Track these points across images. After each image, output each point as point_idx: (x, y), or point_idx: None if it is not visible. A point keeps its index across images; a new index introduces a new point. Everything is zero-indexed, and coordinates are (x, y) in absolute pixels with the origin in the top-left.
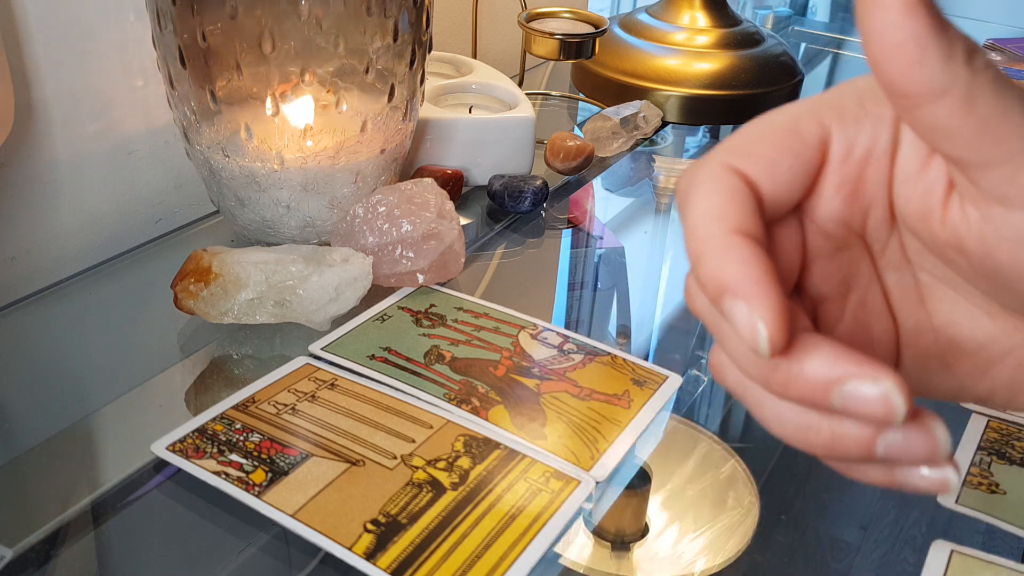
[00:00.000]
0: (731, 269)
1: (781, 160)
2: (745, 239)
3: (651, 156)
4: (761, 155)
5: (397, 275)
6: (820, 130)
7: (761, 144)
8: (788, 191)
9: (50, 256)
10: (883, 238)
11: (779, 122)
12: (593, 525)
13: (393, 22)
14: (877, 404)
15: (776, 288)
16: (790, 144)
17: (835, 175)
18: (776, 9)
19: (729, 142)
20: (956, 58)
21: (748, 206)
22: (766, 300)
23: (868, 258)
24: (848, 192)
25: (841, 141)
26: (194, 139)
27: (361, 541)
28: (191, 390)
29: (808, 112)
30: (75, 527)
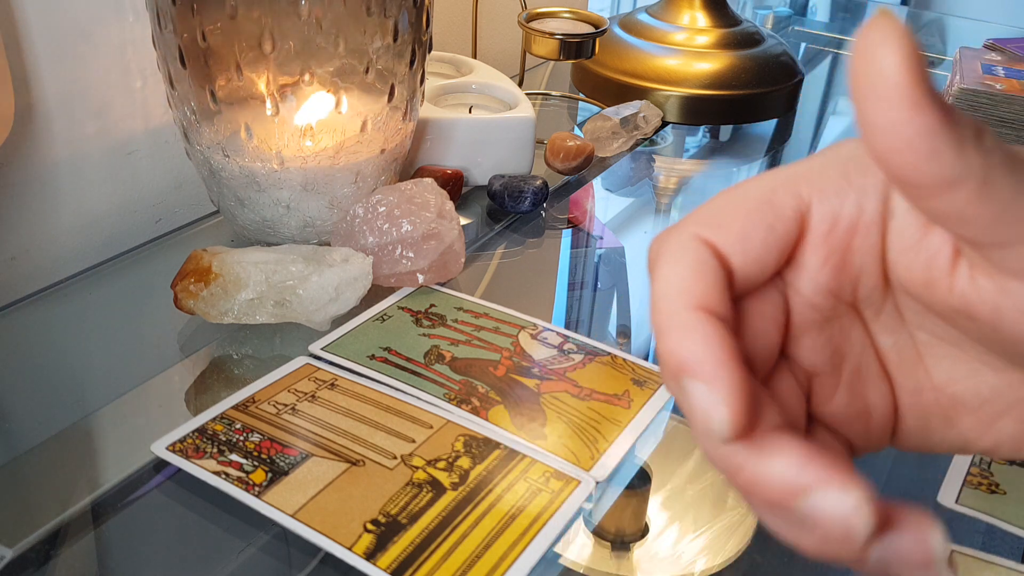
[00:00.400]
0: (691, 347)
1: (753, 233)
2: (708, 317)
3: (651, 156)
4: (732, 227)
5: (397, 275)
6: (797, 202)
7: (733, 215)
8: (761, 264)
9: (50, 256)
10: (876, 304)
11: (753, 193)
12: (593, 525)
13: (393, 22)
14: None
15: (738, 370)
16: (763, 216)
17: (819, 248)
18: (776, 9)
19: (701, 211)
20: (967, 145)
21: (715, 281)
22: (726, 381)
23: (860, 325)
24: (835, 264)
25: (823, 214)
26: (194, 139)
27: (361, 541)
28: (191, 390)
29: (785, 183)
30: (75, 527)
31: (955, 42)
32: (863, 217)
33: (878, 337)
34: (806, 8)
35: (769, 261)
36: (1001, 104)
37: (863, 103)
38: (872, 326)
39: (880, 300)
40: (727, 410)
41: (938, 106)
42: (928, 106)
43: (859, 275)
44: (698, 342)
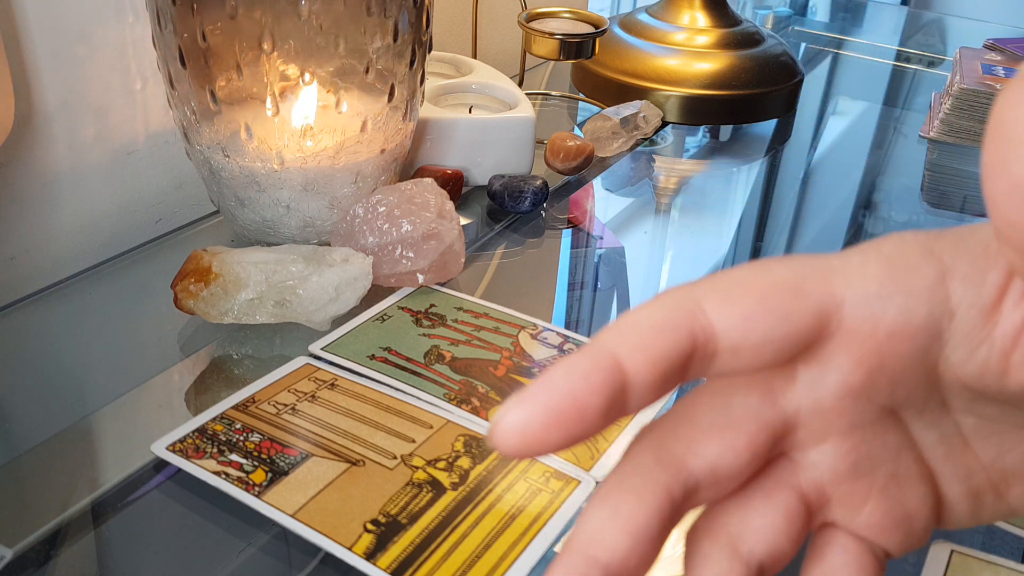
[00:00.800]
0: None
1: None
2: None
3: (651, 156)
4: (740, 305)
5: (397, 275)
6: (825, 298)
7: (746, 294)
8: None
9: (50, 256)
10: (918, 406)
11: (778, 276)
12: None
13: (393, 22)
14: None
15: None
16: (780, 304)
17: (853, 350)
18: (776, 9)
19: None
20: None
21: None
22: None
23: (897, 429)
24: (871, 368)
25: (861, 316)
26: (194, 139)
27: (361, 541)
28: (191, 390)
29: (819, 275)
30: (75, 527)
31: (955, 42)
32: (911, 321)
33: (920, 438)
34: (806, 8)
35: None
36: None
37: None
38: (913, 429)
39: (923, 402)
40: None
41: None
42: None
43: (899, 380)
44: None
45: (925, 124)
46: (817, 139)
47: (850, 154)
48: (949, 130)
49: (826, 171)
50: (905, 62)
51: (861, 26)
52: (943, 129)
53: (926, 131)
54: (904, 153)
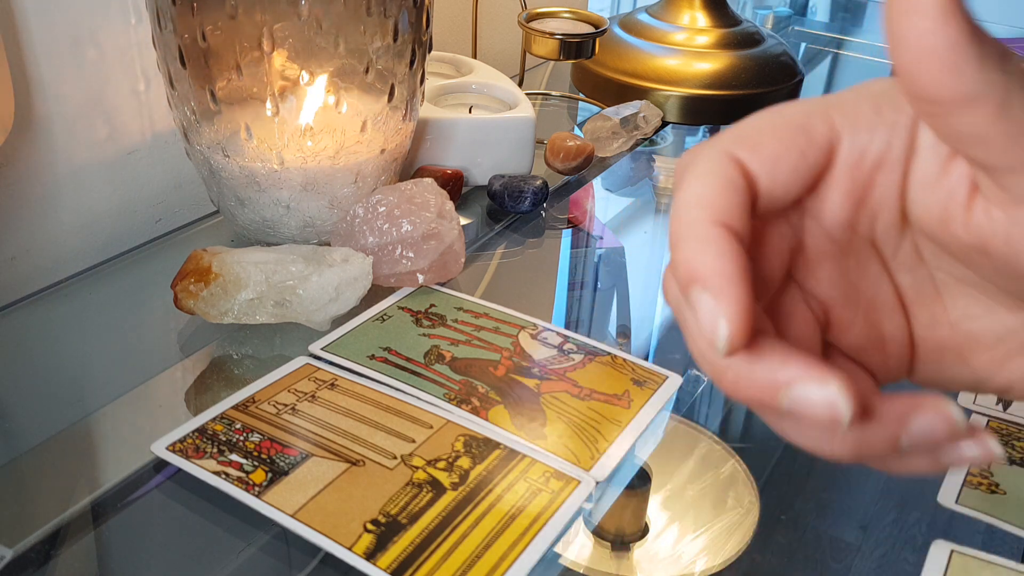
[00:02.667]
0: (705, 260)
1: (786, 157)
2: (726, 232)
3: (651, 156)
4: (766, 148)
5: (397, 275)
6: (830, 132)
7: (768, 137)
8: (787, 189)
9: (50, 256)
10: (894, 241)
11: (789, 117)
12: (593, 525)
13: (393, 22)
14: (822, 405)
15: (746, 288)
16: (797, 142)
17: (843, 180)
18: (776, 9)
19: (736, 130)
20: (991, 64)
21: (739, 200)
22: (733, 297)
23: (878, 260)
24: (857, 198)
25: (852, 146)
26: (194, 139)
27: (361, 541)
28: (191, 390)
29: (820, 111)
30: (75, 527)
31: None
32: (890, 153)
33: (896, 274)
34: (806, 8)
35: (795, 187)
36: None
37: (893, 15)
38: (890, 263)
39: (898, 238)
40: (729, 325)
41: (965, 22)
42: (955, 20)
43: (878, 211)
44: (713, 255)
45: None
46: None
47: None
48: None
49: None
50: None
51: (861, 26)
52: None
53: None
54: None
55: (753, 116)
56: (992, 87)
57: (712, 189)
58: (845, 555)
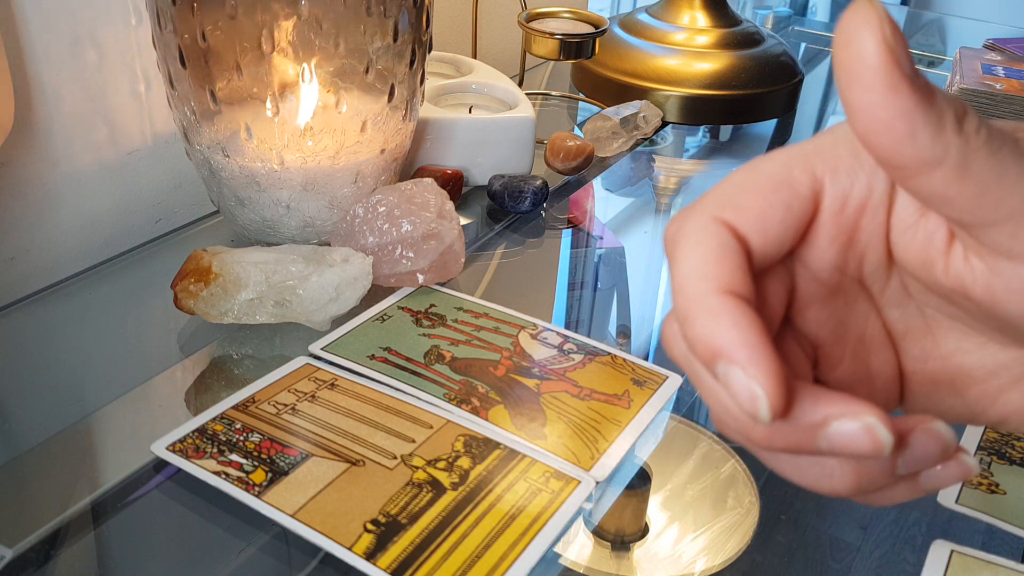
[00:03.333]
0: (724, 333)
1: (772, 213)
2: (736, 300)
3: (651, 156)
4: (751, 207)
5: (397, 275)
6: (812, 181)
7: (752, 196)
8: (778, 244)
9: (50, 256)
10: (882, 280)
11: (770, 172)
12: (593, 525)
13: (393, 22)
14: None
15: (772, 352)
16: (781, 196)
17: (829, 227)
18: (776, 9)
19: (718, 192)
20: (946, 127)
21: (737, 263)
22: (764, 367)
23: (866, 298)
24: (843, 242)
25: (835, 193)
26: (194, 139)
27: (361, 541)
28: (191, 390)
29: (800, 161)
30: (75, 527)
31: (955, 42)
32: (872, 197)
33: (885, 310)
34: (806, 8)
35: (786, 240)
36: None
37: (844, 85)
38: (879, 300)
39: (885, 276)
40: (768, 396)
41: (916, 88)
42: (906, 88)
43: (865, 252)
44: (729, 327)
45: None
46: None
47: None
48: None
49: None
50: None
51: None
52: None
53: None
54: None
55: (733, 174)
56: (949, 150)
57: (709, 258)
58: (845, 555)
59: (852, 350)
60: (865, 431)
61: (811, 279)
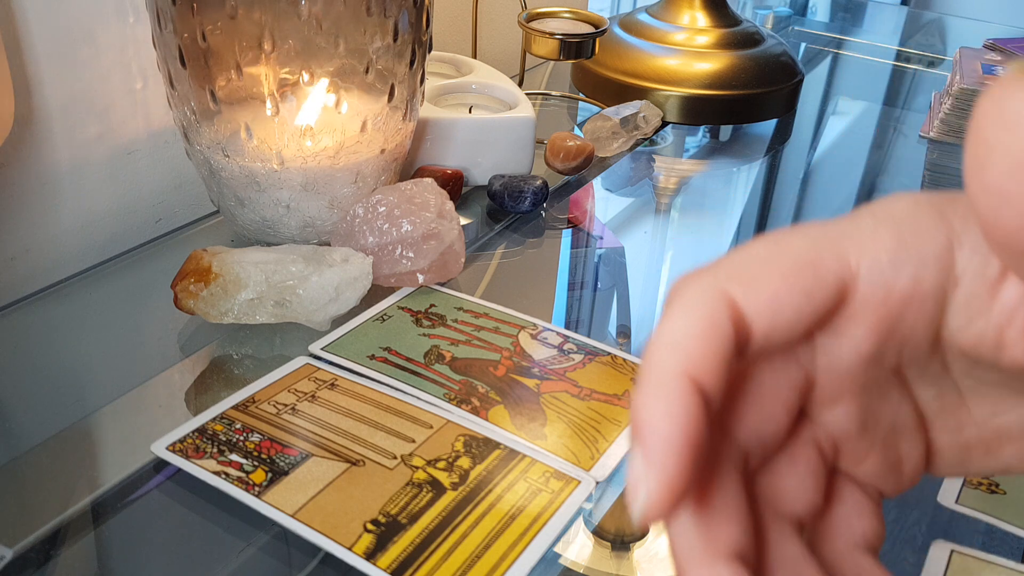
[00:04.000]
0: (653, 415)
1: (788, 298)
2: (690, 389)
3: (651, 156)
4: (765, 287)
5: (397, 275)
6: (841, 268)
7: (768, 274)
8: (789, 331)
9: (50, 256)
10: (921, 366)
11: (796, 250)
12: (593, 525)
13: (393, 22)
14: None
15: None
16: (802, 280)
17: (866, 318)
18: (776, 9)
19: (734, 260)
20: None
21: (717, 347)
22: (662, 465)
23: (900, 385)
24: (882, 334)
25: (874, 284)
26: (194, 139)
27: (361, 541)
28: (191, 390)
29: (831, 243)
30: (75, 527)
31: (955, 42)
32: (920, 287)
33: (918, 392)
34: (806, 8)
35: (799, 328)
36: None
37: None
38: (914, 386)
39: (926, 362)
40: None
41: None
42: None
43: (906, 343)
44: (662, 413)
45: (925, 124)
46: (817, 139)
47: (850, 154)
48: (949, 130)
49: (826, 171)
50: (905, 62)
51: (861, 26)
52: (943, 129)
53: (926, 131)
54: (904, 153)
55: (755, 245)
56: None
57: (691, 331)
58: None
59: (882, 442)
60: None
61: (840, 373)
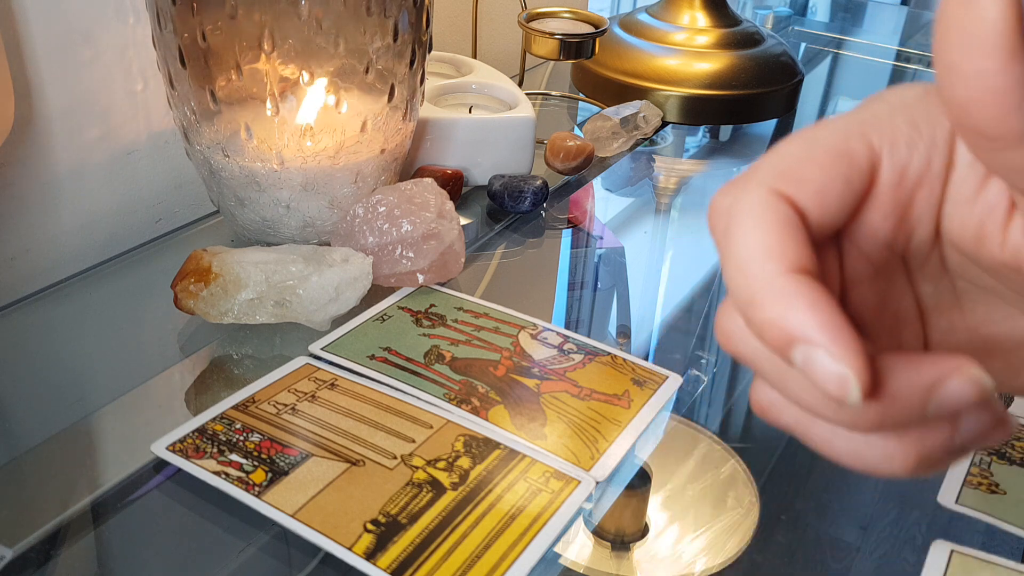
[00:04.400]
0: (800, 315)
1: (832, 186)
2: (807, 280)
3: (651, 156)
4: (812, 181)
5: (397, 275)
6: (870, 153)
7: (811, 168)
8: (835, 218)
9: (50, 256)
10: (923, 254)
11: (827, 142)
12: (593, 525)
13: (393, 22)
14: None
15: (853, 331)
16: (841, 168)
17: (885, 201)
18: (776, 9)
19: (772, 162)
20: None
21: (803, 239)
22: (848, 346)
23: (904, 274)
24: (897, 217)
25: (893, 166)
26: (194, 139)
27: (361, 541)
28: (191, 390)
29: (857, 132)
30: (75, 527)
31: None
32: (930, 170)
33: (919, 285)
34: (806, 8)
35: (843, 214)
36: None
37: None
38: (916, 275)
39: (928, 252)
40: (859, 377)
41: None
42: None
43: (915, 228)
44: (806, 308)
45: None
46: None
47: None
48: None
49: None
50: (905, 62)
51: (861, 26)
52: None
53: None
54: None
55: (787, 143)
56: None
57: (773, 235)
58: (845, 555)
59: (888, 327)
60: (973, 385)
61: (860, 257)
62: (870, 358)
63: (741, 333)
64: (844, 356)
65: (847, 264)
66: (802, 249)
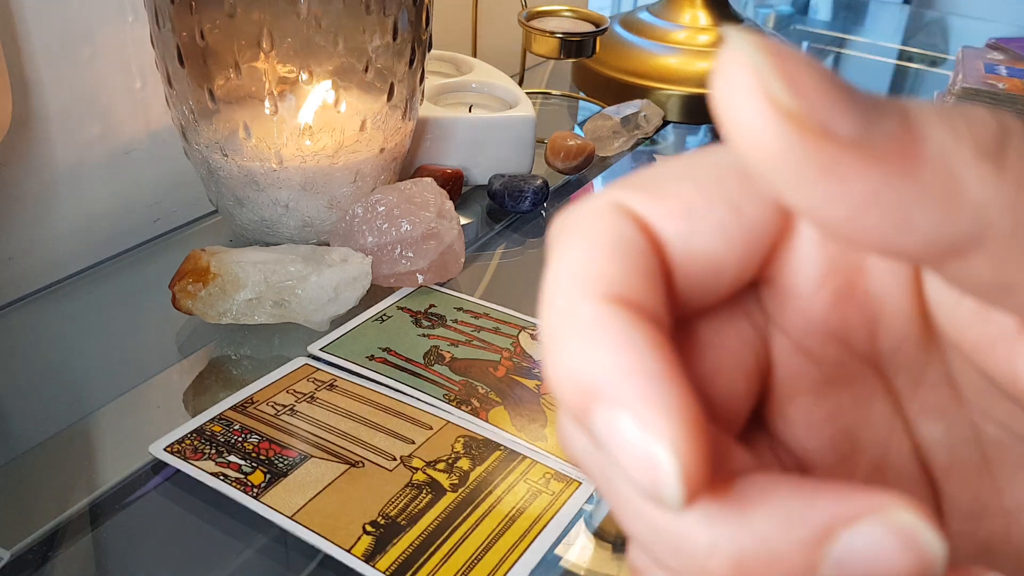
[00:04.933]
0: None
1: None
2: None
3: (652, 156)
4: (679, 196)
5: (396, 275)
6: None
7: (679, 183)
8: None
9: (48, 256)
10: (914, 367)
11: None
12: (594, 527)
13: (392, 21)
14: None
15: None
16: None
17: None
18: (778, 8)
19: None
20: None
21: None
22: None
23: (887, 394)
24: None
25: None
26: (192, 138)
27: (360, 543)
28: (189, 391)
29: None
30: (73, 528)
31: (957, 41)
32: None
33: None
34: (808, 7)
35: (728, 261)
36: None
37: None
38: (908, 403)
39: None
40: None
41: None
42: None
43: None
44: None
45: None
46: None
47: None
48: None
49: None
50: (907, 61)
51: (863, 25)
52: None
53: None
54: None
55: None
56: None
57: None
58: None
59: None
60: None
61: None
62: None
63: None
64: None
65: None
66: (632, 274)
